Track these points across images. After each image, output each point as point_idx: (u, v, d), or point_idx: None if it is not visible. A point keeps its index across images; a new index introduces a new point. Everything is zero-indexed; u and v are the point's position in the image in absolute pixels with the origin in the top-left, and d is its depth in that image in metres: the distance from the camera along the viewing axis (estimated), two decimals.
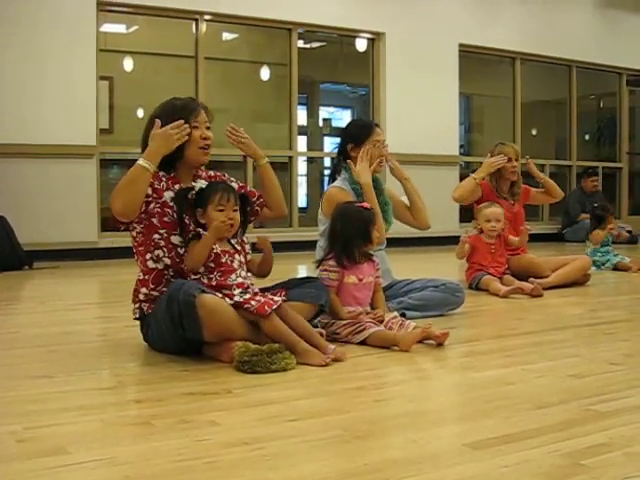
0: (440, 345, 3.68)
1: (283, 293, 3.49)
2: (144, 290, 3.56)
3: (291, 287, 3.60)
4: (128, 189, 3.38)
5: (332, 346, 3.39)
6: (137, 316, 3.62)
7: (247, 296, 3.35)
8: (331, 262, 3.94)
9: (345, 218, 3.99)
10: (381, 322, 3.83)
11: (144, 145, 3.59)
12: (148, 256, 3.55)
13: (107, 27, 9.63)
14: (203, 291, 3.23)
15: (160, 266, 3.55)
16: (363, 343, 3.71)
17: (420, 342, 3.73)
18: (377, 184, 4.66)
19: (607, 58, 12.83)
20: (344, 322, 3.80)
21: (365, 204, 4.06)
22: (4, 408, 2.66)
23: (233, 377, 3.06)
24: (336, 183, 4.64)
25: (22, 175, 8.26)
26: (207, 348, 3.31)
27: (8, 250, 7.65)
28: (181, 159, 3.60)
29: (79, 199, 8.53)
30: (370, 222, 3.94)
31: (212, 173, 3.79)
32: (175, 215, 3.52)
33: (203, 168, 3.76)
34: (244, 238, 3.67)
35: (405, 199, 4.97)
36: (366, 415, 2.58)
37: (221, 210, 3.48)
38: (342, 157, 4.70)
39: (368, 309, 3.95)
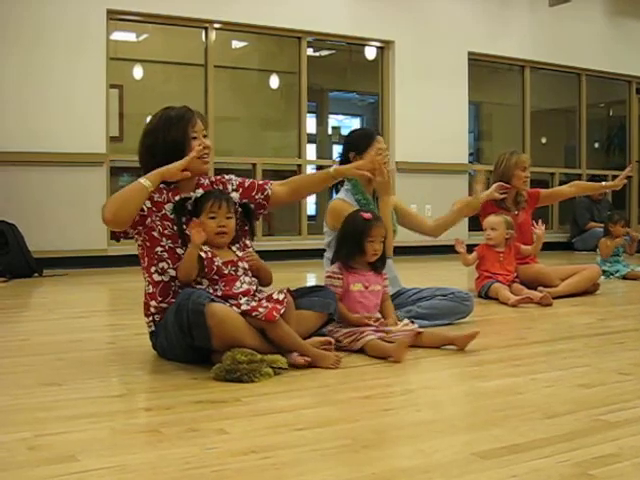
0: (461, 350, 3.70)
1: (286, 289, 3.49)
2: (153, 303, 3.57)
3: (300, 296, 3.60)
4: (122, 202, 3.39)
5: (295, 353, 3.40)
6: (152, 329, 3.63)
7: (254, 303, 3.36)
8: (335, 269, 3.95)
9: (346, 226, 4.04)
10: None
11: (144, 161, 3.61)
12: (153, 269, 3.57)
13: (117, 35, 9.66)
14: (212, 300, 3.23)
15: (166, 278, 3.55)
16: (363, 352, 3.72)
17: (437, 348, 3.77)
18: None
19: (617, 66, 12.83)
20: (345, 330, 3.81)
21: (367, 215, 4.04)
22: (14, 415, 2.67)
23: (241, 385, 3.06)
24: (339, 195, 4.62)
25: (33, 183, 8.29)
26: (216, 356, 3.30)
27: (18, 257, 7.68)
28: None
29: (89, 207, 8.54)
30: (363, 234, 3.94)
31: (214, 178, 3.80)
32: (175, 227, 3.53)
33: (204, 176, 3.77)
34: (247, 242, 3.68)
35: (414, 207, 4.97)
36: (374, 424, 2.58)
37: (212, 217, 3.50)
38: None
39: (378, 315, 3.96)
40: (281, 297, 3.38)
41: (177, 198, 3.57)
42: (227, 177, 3.83)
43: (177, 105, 3.73)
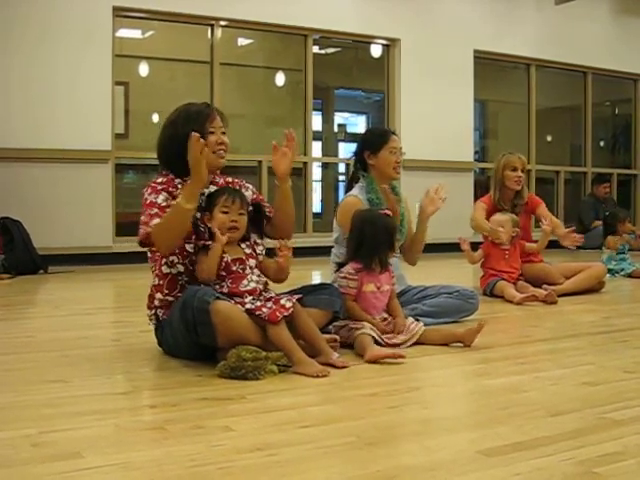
0: (467, 347, 3.72)
1: (297, 297, 3.48)
2: (159, 295, 3.58)
3: (305, 293, 3.59)
4: (173, 229, 3.39)
5: (336, 354, 3.41)
6: (153, 322, 3.64)
7: (258, 303, 3.36)
8: (350, 270, 3.93)
9: (373, 225, 3.95)
10: (400, 332, 3.85)
11: (161, 153, 3.63)
12: (163, 261, 3.57)
13: (123, 32, 9.66)
14: (217, 297, 3.24)
15: (174, 271, 3.57)
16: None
17: (444, 345, 3.81)
18: (396, 192, 4.69)
19: (622, 64, 12.79)
20: (352, 323, 3.81)
21: (387, 211, 4.05)
22: (19, 412, 2.67)
23: (246, 383, 3.06)
24: (353, 192, 4.64)
25: (38, 180, 8.29)
26: (221, 354, 3.31)
27: (23, 254, 7.69)
28: None
29: (94, 204, 8.56)
30: (395, 230, 4.01)
31: (230, 179, 3.81)
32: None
33: (219, 174, 3.78)
34: (257, 240, 3.68)
35: (418, 206, 4.97)
36: (379, 422, 2.58)
37: (225, 212, 3.49)
38: (359, 165, 4.72)
39: (385, 315, 3.95)
40: (288, 305, 3.36)
41: None
42: (245, 183, 3.84)
43: (185, 101, 3.76)
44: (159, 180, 3.61)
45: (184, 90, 10.47)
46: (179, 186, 3.58)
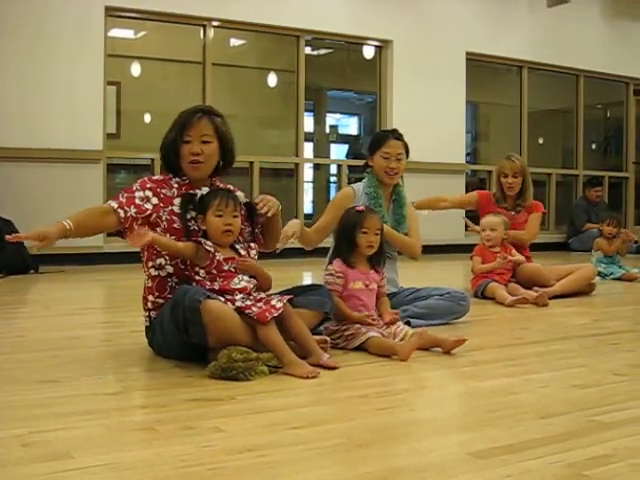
0: (447, 353, 3.70)
1: (287, 298, 3.47)
2: (151, 298, 3.59)
3: (296, 294, 3.59)
4: (89, 225, 3.97)
5: (326, 355, 3.40)
6: (147, 324, 3.64)
7: (249, 302, 3.36)
8: (335, 267, 3.93)
9: (341, 221, 4.04)
10: (393, 323, 3.85)
11: (163, 153, 3.65)
12: (150, 264, 3.59)
13: (115, 32, 9.65)
14: (208, 297, 3.23)
15: (163, 273, 3.57)
16: (361, 349, 3.73)
17: (426, 350, 3.75)
18: (399, 196, 4.75)
19: (614, 67, 12.82)
20: (344, 328, 3.80)
21: (360, 207, 4.05)
22: (9, 412, 2.67)
23: (237, 384, 3.06)
24: (353, 184, 4.83)
25: (29, 179, 8.27)
26: (211, 354, 3.31)
27: (14, 254, 7.65)
28: None
29: (85, 204, 8.42)
30: (356, 225, 3.91)
31: (231, 187, 3.76)
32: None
33: (220, 179, 3.78)
34: (252, 244, 3.67)
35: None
36: (369, 423, 2.58)
37: (219, 216, 3.48)
38: (366, 163, 4.82)
39: (374, 315, 3.94)
40: (278, 305, 3.36)
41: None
42: (244, 194, 3.79)
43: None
44: (155, 177, 3.67)
45: (176, 90, 10.46)
46: (175, 185, 3.59)
